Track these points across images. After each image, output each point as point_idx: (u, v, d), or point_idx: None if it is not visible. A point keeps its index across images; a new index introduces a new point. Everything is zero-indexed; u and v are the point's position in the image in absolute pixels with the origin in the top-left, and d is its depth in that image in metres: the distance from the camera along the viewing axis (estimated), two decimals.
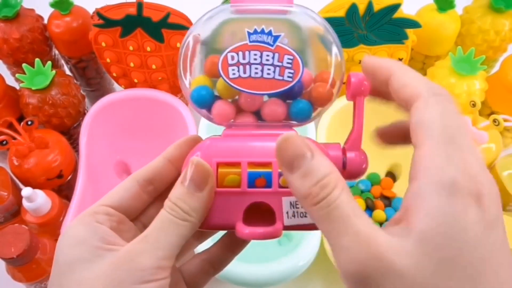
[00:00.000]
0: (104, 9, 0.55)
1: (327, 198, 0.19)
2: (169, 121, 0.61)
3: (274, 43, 0.24)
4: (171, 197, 0.23)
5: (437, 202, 0.18)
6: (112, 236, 0.24)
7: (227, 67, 0.24)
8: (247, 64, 0.24)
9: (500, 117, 0.53)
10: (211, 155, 0.24)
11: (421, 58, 0.66)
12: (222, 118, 0.26)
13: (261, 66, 0.24)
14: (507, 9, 0.61)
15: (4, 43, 0.61)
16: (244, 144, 0.25)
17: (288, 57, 0.24)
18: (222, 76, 0.24)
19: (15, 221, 0.55)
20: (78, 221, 0.24)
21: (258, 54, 0.24)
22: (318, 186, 0.20)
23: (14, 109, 0.61)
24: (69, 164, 0.58)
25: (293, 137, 0.21)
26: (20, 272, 0.48)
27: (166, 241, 0.22)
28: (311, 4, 0.63)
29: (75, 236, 0.23)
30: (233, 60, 0.24)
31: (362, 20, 0.55)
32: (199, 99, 0.26)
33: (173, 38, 0.56)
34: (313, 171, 0.20)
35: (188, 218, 0.23)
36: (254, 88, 0.25)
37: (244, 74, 0.24)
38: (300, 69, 0.25)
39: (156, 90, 0.62)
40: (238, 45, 0.24)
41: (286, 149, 0.21)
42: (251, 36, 0.24)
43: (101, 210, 0.25)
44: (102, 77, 0.70)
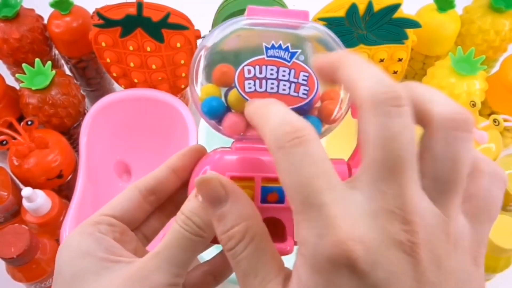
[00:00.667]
0: (104, 9, 0.55)
1: (232, 250, 0.20)
2: (169, 121, 0.62)
3: (291, 60, 0.24)
4: (185, 211, 0.22)
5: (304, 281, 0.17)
6: (116, 247, 0.23)
7: (244, 80, 0.24)
8: (264, 79, 0.24)
9: (500, 117, 0.53)
10: (223, 169, 0.24)
11: (421, 58, 0.66)
12: (233, 130, 0.25)
13: (277, 82, 0.24)
14: (507, 9, 0.61)
15: (4, 43, 0.61)
16: (256, 158, 0.25)
17: (304, 74, 0.24)
18: (238, 89, 0.24)
19: (15, 221, 0.55)
20: (80, 231, 0.23)
21: (275, 69, 0.24)
22: (226, 236, 0.20)
23: (14, 109, 0.61)
24: (69, 164, 0.58)
25: (211, 178, 0.21)
26: (20, 272, 0.48)
27: (180, 258, 0.22)
28: (311, 4, 0.63)
29: (79, 248, 0.23)
30: (249, 73, 0.24)
31: (362, 20, 0.55)
32: (211, 111, 0.25)
33: (173, 38, 0.56)
34: (224, 218, 0.20)
35: (201, 233, 0.22)
36: None
37: (260, 88, 0.24)
38: (315, 86, 0.24)
39: (156, 90, 0.62)
40: (255, 59, 0.24)
41: (203, 188, 0.21)
42: (269, 51, 0.24)
43: (104, 221, 0.24)
44: (102, 77, 0.70)
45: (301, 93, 0.24)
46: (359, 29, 0.56)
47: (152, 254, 0.22)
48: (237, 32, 0.25)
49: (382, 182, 0.17)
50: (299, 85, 0.24)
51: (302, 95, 0.24)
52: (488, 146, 0.55)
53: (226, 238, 0.20)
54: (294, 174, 0.17)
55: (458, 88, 0.58)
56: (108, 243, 0.23)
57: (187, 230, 0.22)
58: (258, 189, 0.24)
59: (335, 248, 0.16)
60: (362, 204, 0.17)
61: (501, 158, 0.57)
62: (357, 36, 0.57)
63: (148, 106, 0.62)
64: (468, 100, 0.57)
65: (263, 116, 0.19)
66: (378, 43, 0.58)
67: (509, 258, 0.49)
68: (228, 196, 0.21)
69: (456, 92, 0.58)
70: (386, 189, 0.17)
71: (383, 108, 0.17)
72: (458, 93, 0.58)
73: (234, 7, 0.59)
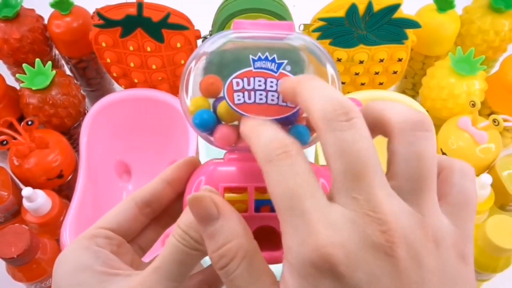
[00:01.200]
0: (104, 9, 0.55)
1: (224, 268, 0.20)
2: (169, 121, 0.62)
3: (278, 70, 0.25)
4: (181, 225, 0.22)
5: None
6: (114, 260, 0.23)
7: (232, 92, 0.25)
8: (252, 90, 0.25)
9: (500, 117, 0.53)
10: (217, 180, 0.25)
11: (421, 58, 0.66)
12: (225, 142, 0.26)
13: (266, 93, 0.25)
14: (506, 9, 0.61)
15: (5, 43, 0.61)
16: (248, 168, 0.25)
17: None
18: (228, 102, 0.25)
19: (16, 221, 0.55)
20: (77, 245, 0.24)
21: (263, 81, 0.25)
22: (217, 254, 0.20)
23: (15, 109, 0.61)
24: (70, 164, 0.58)
25: (203, 197, 0.21)
26: (21, 272, 0.48)
27: (178, 271, 0.22)
28: (311, 4, 0.63)
29: (77, 261, 0.23)
30: (238, 86, 0.25)
31: (362, 20, 0.55)
32: (202, 124, 0.25)
33: (173, 38, 0.57)
34: (215, 236, 0.20)
35: (198, 247, 0.22)
36: (259, 113, 0.25)
37: (249, 100, 0.25)
38: None
39: (156, 90, 0.62)
40: (243, 72, 0.25)
41: (194, 207, 0.21)
42: (256, 62, 0.25)
43: (100, 234, 0.24)
44: (102, 77, 0.70)
45: (288, 102, 0.25)
46: (359, 29, 0.56)
47: (152, 269, 0.22)
48: (225, 45, 0.25)
49: (352, 190, 0.18)
50: None
51: (290, 105, 0.25)
52: (488, 146, 0.55)
53: (217, 257, 0.20)
54: (281, 184, 0.18)
55: (458, 88, 0.58)
56: (105, 256, 0.23)
57: (184, 244, 0.22)
58: (252, 198, 0.24)
59: (317, 253, 0.17)
60: (340, 211, 0.18)
61: (500, 158, 0.57)
62: (357, 36, 0.57)
63: (148, 106, 0.62)
64: (467, 100, 0.57)
65: (255, 135, 0.21)
66: (378, 43, 0.58)
67: (509, 258, 0.49)
68: (219, 214, 0.21)
69: (456, 92, 0.58)
70: (357, 195, 0.18)
71: (334, 124, 0.18)
72: (457, 93, 0.58)
73: (234, 7, 0.59)
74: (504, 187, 0.55)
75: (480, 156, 0.55)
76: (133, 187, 0.65)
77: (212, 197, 0.21)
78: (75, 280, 0.22)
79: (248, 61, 0.25)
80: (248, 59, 0.25)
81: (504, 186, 0.55)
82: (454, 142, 0.56)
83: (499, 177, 0.55)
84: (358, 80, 0.63)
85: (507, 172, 0.56)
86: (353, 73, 0.62)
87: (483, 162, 0.56)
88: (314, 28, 0.56)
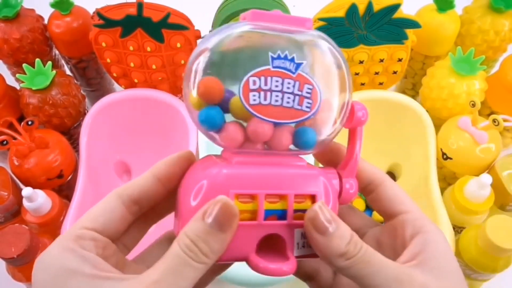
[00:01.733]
0: (104, 9, 0.55)
1: (361, 250, 0.23)
2: (169, 121, 0.62)
3: (296, 71, 0.23)
4: (189, 234, 0.21)
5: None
6: (102, 264, 0.21)
7: (248, 92, 0.22)
8: (269, 91, 0.23)
9: (500, 117, 0.53)
10: (224, 185, 0.23)
11: (420, 58, 0.66)
12: (232, 142, 0.24)
13: (282, 94, 0.23)
14: (507, 9, 0.61)
15: (5, 43, 0.61)
16: (259, 174, 0.23)
17: (308, 86, 0.23)
18: (243, 102, 0.22)
19: (16, 221, 0.55)
20: (61, 247, 0.21)
21: (280, 81, 0.23)
22: (352, 244, 0.23)
23: (15, 109, 0.61)
24: (70, 164, 0.58)
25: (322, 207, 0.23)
26: (21, 272, 0.48)
27: (180, 285, 0.20)
28: (311, 4, 0.63)
29: (63, 265, 0.21)
30: (255, 85, 0.22)
31: (362, 20, 0.55)
32: (209, 121, 0.23)
33: (173, 38, 0.57)
34: (344, 233, 0.23)
35: (206, 260, 0.21)
36: (273, 116, 0.23)
37: (265, 101, 0.23)
38: (317, 99, 0.24)
39: (156, 90, 0.62)
40: (261, 70, 0.22)
41: (317, 218, 0.23)
42: (274, 61, 0.23)
43: (86, 235, 0.22)
44: (102, 77, 0.70)
45: (304, 106, 0.23)
46: (359, 29, 0.56)
47: (150, 283, 0.20)
48: (238, 37, 0.23)
49: None
50: (303, 98, 0.23)
51: (306, 108, 0.23)
52: (488, 146, 0.55)
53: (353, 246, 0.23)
54: None
55: (458, 88, 0.58)
56: (93, 259, 0.21)
57: (191, 257, 0.20)
58: (262, 205, 0.23)
59: None
60: None
61: (500, 158, 0.57)
62: (357, 36, 0.57)
63: (148, 106, 0.62)
64: (467, 100, 0.57)
65: None
66: (378, 43, 0.58)
67: (509, 258, 0.49)
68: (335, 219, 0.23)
69: (456, 92, 0.58)
70: None
71: None
72: (457, 93, 0.58)
73: (234, 7, 0.59)
74: (504, 187, 0.55)
75: (480, 156, 0.55)
76: None
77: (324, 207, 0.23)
78: (63, 285, 0.20)
79: (265, 58, 0.23)
80: (264, 55, 0.23)
81: (504, 186, 0.55)
82: (454, 142, 0.56)
83: (499, 177, 0.55)
84: (358, 80, 0.63)
85: (507, 172, 0.56)
86: (353, 73, 0.62)
87: (483, 162, 0.56)
88: (314, 28, 0.56)
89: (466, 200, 0.53)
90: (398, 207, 0.26)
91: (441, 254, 0.24)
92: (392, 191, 0.27)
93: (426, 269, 0.23)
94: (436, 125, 0.60)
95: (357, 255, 0.22)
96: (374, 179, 0.27)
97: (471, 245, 0.49)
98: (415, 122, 0.60)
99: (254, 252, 0.23)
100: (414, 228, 0.25)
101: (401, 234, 0.25)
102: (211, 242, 0.21)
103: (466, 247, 0.50)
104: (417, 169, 0.60)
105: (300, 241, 0.24)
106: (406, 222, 0.25)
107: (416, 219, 0.25)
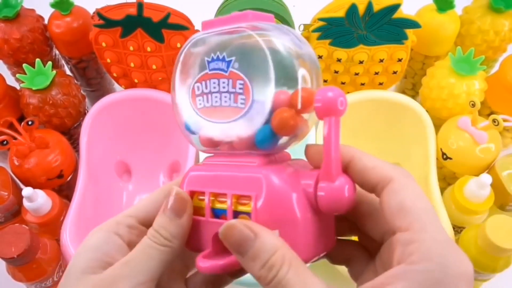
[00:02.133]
0: (105, 10, 0.55)
1: (275, 278, 0.20)
2: (169, 121, 0.62)
3: (228, 69, 0.23)
4: (154, 225, 0.24)
5: None
6: (118, 252, 0.24)
7: (195, 97, 0.25)
8: (209, 94, 0.24)
9: (500, 117, 0.53)
10: (190, 184, 0.25)
11: (420, 58, 0.66)
12: (205, 146, 0.26)
13: (220, 94, 0.24)
14: (506, 9, 0.61)
15: (5, 43, 0.61)
16: (210, 174, 0.25)
17: (240, 82, 0.23)
18: (193, 107, 0.25)
19: (16, 221, 0.55)
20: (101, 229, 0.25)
21: (217, 82, 0.24)
22: (266, 268, 0.21)
23: (15, 109, 0.61)
24: (70, 164, 0.58)
25: (234, 224, 0.22)
26: (21, 272, 0.48)
27: (146, 266, 0.23)
28: (311, 4, 0.63)
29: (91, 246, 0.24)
30: (198, 90, 0.24)
31: (362, 20, 0.55)
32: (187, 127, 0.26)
33: (173, 39, 0.57)
34: (259, 253, 0.21)
35: (168, 243, 0.24)
36: (217, 117, 0.24)
37: (208, 103, 0.24)
38: (250, 94, 0.22)
39: (156, 90, 0.62)
40: (201, 75, 0.24)
41: (230, 236, 0.22)
42: (210, 64, 0.24)
43: (125, 221, 0.25)
44: (103, 77, 0.70)
45: (239, 103, 0.23)
46: (359, 29, 0.56)
47: (122, 263, 0.23)
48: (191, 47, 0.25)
49: None
50: (237, 94, 0.23)
51: (240, 105, 0.23)
52: (488, 146, 0.55)
53: (267, 270, 0.21)
54: None
55: (458, 88, 0.58)
56: (113, 245, 0.24)
57: (154, 241, 0.24)
58: (208, 203, 0.24)
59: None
60: None
61: (500, 158, 0.57)
62: (357, 36, 0.57)
63: (148, 106, 0.62)
64: (467, 100, 0.58)
65: None
66: (378, 43, 0.58)
67: (508, 258, 0.49)
68: (255, 234, 0.21)
69: (456, 92, 0.58)
70: None
71: None
72: (457, 93, 0.58)
73: (234, 7, 0.59)
74: (504, 187, 0.55)
75: (480, 156, 0.55)
76: (133, 187, 0.65)
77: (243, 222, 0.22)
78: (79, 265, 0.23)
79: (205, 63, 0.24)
80: (204, 61, 0.24)
81: (504, 186, 0.55)
82: (454, 142, 0.56)
83: (499, 177, 0.55)
84: (358, 80, 0.63)
85: (507, 172, 0.56)
86: (353, 73, 0.62)
87: (483, 162, 0.56)
88: (314, 28, 0.56)
89: (466, 200, 0.53)
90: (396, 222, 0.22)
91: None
92: (396, 197, 0.22)
93: None
94: (436, 125, 0.60)
95: (270, 283, 0.20)
96: (377, 181, 0.23)
97: (471, 245, 0.49)
98: (415, 122, 0.60)
99: (209, 249, 0.24)
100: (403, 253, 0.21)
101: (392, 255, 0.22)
102: (170, 227, 0.24)
103: (466, 247, 0.50)
104: (417, 169, 0.60)
105: None
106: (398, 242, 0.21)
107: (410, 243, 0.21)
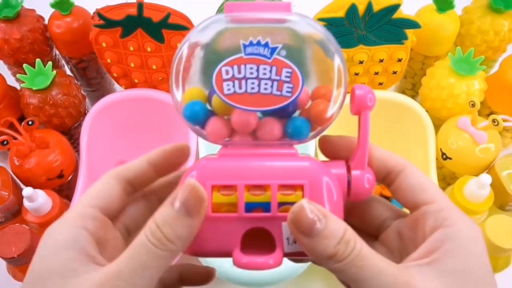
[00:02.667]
0: (105, 10, 0.55)
1: (354, 251, 0.20)
2: (170, 121, 0.62)
3: (272, 56, 0.23)
4: (157, 219, 0.20)
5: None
6: (91, 249, 0.22)
7: (222, 82, 0.23)
8: (243, 79, 0.23)
9: (499, 117, 0.53)
10: (207, 177, 0.23)
11: (420, 58, 0.67)
12: (217, 136, 0.24)
13: (258, 81, 0.23)
14: (506, 10, 0.61)
15: (5, 43, 0.61)
16: (240, 165, 0.23)
17: (287, 70, 0.23)
18: (216, 92, 0.23)
19: (16, 220, 0.56)
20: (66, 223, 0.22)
21: (255, 68, 0.23)
22: (342, 244, 0.20)
23: (15, 109, 0.62)
24: (70, 164, 0.58)
25: (304, 207, 0.21)
26: (21, 272, 0.48)
27: (143, 277, 0.20)
28: (311, 4, 0.63)
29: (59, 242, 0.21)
30: (227, 74, 0.23)
31: (361, 20, 0.55)
32: (192, 116, 0.24)
33: (173, 39, 0.57)
34: (333, 231, 0.20)
35: (171, 246, 0.20)
36: (251, 105, 0.23)
37: (240, 89, 0.23)
38: (299, 83, 0.23)
39: (156, 90, 0.62)
40: (233, 59, 0.23)
41: (301, 219, 0.21)
42: (247, 48, 0.23)
43: (88, 214, 0.23)
44: (103, 77, 0.70)
45: (284, 91, 0.23)
46: (359, 29, 0.56)
47: (112, 273, 0.20)
48: (219, 32, 0.23)
49: None
50: (282, 82, 0.23)
51: (286, 93, 0.23)
52: (487, 146, 0.55)
53: (344, 245, 0.20)
54: None
55: (458, 89, 0.58)
56: (85, 242, 0.21)
57: (155, 245, 0.20)
58: (242, 197, 0.23)
59: None
60: None
61: (500, 158, 0.57)
62: (357, 37, 0.57)
63: (148, 106, 0.62)
64: (467, 100, 0.58)
65: None
66: (378, 44, 0.58)
67: (508, 257, 0.49)
68: (325, 216, 0.21)
69: (456, 92, 0.58)
70: None
71: None
72: (457, 93, 0.58)
73: None
74: (504, 187, 0.55)
75: (480, 156, 0.55)
76: None
77: (308, 205, 0.21)
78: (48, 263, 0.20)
79: (238, 47, 0.23)
80: (237, 45, 0.23)
81: (503, 186, 0.55)
82: (453, 142, 0.56)
83: (498, 177, 0.55)
84: (358, 80, 0.63)
85: (506, 172, 0.56)
86: (353, 73, 0.62)
87: (482, 162, 0.56)
88: None
89: (465, 200, 0.53)
90: (420, 197, 0.23)
91: (463, 254, 0.21)
92: (414, 178, 0.24)
93: (438, 270, 0.20)
94: (435, 125, 0.60)
95: (347, 258, 0.20)
96: (393, 167, 0.24)
97: None
98: (414, 122, 0.60)
99: (238, 248, 0.23)
100: (436, 220, 0.22)
101: (422, 227, 0.23)
102: (178, 227, 0.20)
103: None
104: None
105: (291, 236, 0.23)
106: (428, 213, 0.23)
107: (440, 211, 0.22)
